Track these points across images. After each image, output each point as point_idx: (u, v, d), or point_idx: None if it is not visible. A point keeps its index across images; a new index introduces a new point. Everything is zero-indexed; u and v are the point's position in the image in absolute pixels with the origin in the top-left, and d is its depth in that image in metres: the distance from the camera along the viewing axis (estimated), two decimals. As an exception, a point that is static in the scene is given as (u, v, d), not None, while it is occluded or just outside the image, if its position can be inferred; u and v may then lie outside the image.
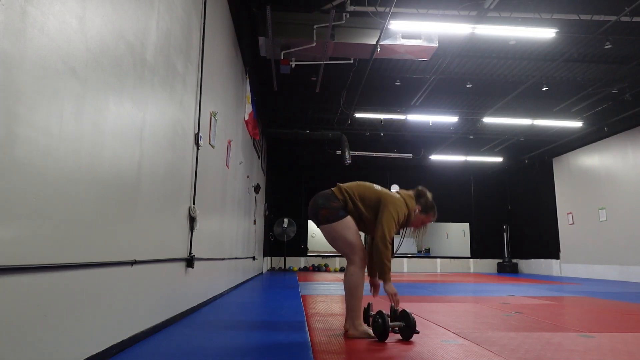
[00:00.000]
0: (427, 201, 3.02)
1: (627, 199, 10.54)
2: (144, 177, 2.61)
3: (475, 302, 5.09)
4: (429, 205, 3.02)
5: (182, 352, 2.36)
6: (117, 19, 2.18)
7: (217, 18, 4.78)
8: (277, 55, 6.81)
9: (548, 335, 3.00)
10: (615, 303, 5.25)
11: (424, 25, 6.18)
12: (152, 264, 2.78)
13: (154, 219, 2.80)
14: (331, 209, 2.85)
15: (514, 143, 12.85)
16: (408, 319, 2.76)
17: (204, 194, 4.21)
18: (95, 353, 2.01)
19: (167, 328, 3.06)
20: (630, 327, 3.42)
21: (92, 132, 1.94)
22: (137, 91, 2.47)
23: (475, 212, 16.08)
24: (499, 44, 7.79)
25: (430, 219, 3.03)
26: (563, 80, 9.12)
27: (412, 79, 9.27)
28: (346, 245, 2.87)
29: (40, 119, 1.57)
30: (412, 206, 2.97)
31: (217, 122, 4.77)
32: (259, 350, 2.44)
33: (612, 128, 10.68)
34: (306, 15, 6.52)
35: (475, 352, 2.44)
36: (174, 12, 3.17)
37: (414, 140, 13.39)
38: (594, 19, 6.68)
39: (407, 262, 15.63)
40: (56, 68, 1.66)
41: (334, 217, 2.85)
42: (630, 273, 10.39)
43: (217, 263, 5.16)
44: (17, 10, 1.43)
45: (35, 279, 1.56)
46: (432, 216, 3.03)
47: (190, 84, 3.69)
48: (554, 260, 13.35)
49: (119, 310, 2.28)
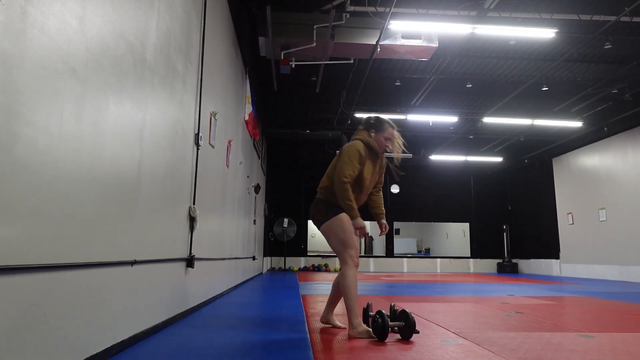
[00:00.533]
0: (372, 120, 3.14)
1: (627, 199, 10.54)
2: (144, 177, 2.61)
3: (475, 302, 5.09)
4: (377, 122, 3.12)
5: (182, 352, 2.36)
6: (117, 19, 2.18)
7: (217, 18, 4.78)
8: (277, 55, 6.81)
9: (548, 335, 3.00)
10: (615, 303, 5.25)
11: (424, 25, 6.19)
12: (152, 264, 2.78)
13: (154, 219, 2.80)
14: (320, 211, 3.05)
15: (514, 143, 12.85)
16: (408, 319, 2.76)
17: (204, 194, 4.21)
18: (95, 353, 2.01)
19: (167, 328, 3.06)
20: (630, 327, 3.42)
21: (92, 132, 1.94)
22: (137, 91, 2.47)
23: (475, 212, 16.08)
24: (499, 44, 7.79)
25: (388, 131, 3.09)
26: (563, 80, 9.12)
27: (412, 79, 9.27)
28: (337, 242, 2.96)
29: (40, 119, 1.57)
30: (365, 136, 3.10)
31: (217, 122, 4.77)
32: (259, 350, 2.44)
33: (612, 128, 10.68)
34: (306, 15, 6.52)
35: (475, 352, 2.44)
36: (174, 12, 3.17)
37: (414, 140, 13.38)
38: (594, 19, 6.68)
39: (407, 262, 15.63)
40: (56, 68, 1.66)
41: (324, 217, 3.02)
42: (630, 273, 10.39)
43: (217, 263, 5.16)
44: (17, 10, 1.43)
45: (35, 279, 1.56)
46: (387, 128, 3.09)
47: (190, 84, 3.69)
48: (554, 260, 13.35)
49: (119, 310, 2.28)
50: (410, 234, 20.90)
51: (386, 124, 3.11)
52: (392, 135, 3.09)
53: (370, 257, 15.97)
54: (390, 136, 3.09)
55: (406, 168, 15.79)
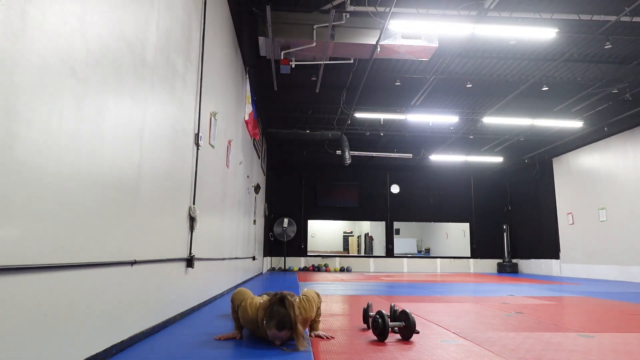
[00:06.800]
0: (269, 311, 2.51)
1: (627, 199, 10.54)
2: (144, 177, 2.61)
3: (476, 302, 5.09)
4: (267, 316, 2.50)
5: (182, 352, 2.36)
6: (117, 19, 2.18)
7: (217, 18, 4.77)
8: (277, 55, 6.81)
9: (548, 335, 3.00)
10: (615, 303, 5.24)
11: (424, 25, 6.18)
12: (152, 264, 2.78)
13: (154, 219, 2.80)
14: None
15: (514, 143, 12.85)
16: (408, 319, 2.76)
17: (204, 194, 4.21)
18: (95, 353, 2.01)
19: (167, 328, 3.06)
20: (630, 327, 3.42)
21: (92, 131, 1.94)
22: (137, 91, 2.47)
23: (475, 212, 16.07)
24: (499, 44, 7.78)
25: (272, 332, 2.48)
26: (563, 80, 9.12)
27: (412, 79, 9.27)
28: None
29: (40, 119, 1.57)
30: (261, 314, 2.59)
31: (217, 122, 4.76)
32: (259, 350, 2.44)
33: (612, 128, 10.67)
34: (306, 15, 6.52)
35: (476, 352, 2.44)
36: (174, 12, 3.17)
37: (414, 140, 13.39)
38: (594, 19, 6.68)
39: (407, 262, 15.63)
40: (56, 68, 1.66)
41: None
42: (630, 273, 10.39)
43: (217, 263, 5.16)
44: (17, 10, 1.43)
45: (35, 279, 1.56)
46: (271, 328, 2.47)
47: (190, 83, 3.68)
48: (554, 260, 13.35)
49: (119, 310, 2.28)
50: (410, 234, 20.90)
51: (272, 322, 2.45)
52: (273, 337, 2.50)
53: (370, 257, 15.97)
54: (272, 337, 2.50)
55: (406, 168, 15.80)
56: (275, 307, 2.48)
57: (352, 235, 21.40)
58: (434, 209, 15.99)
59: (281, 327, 2.45)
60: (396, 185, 15.99)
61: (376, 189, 15.89)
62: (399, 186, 15.99)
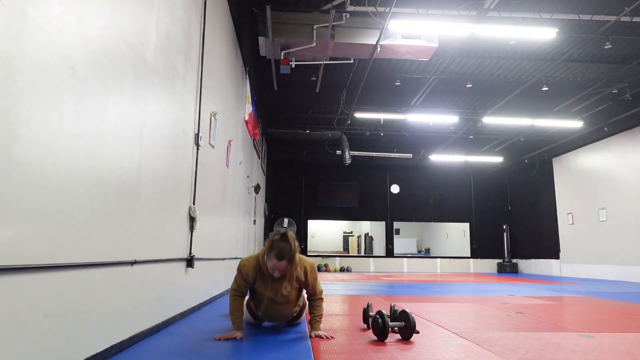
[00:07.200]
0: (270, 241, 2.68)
1: (627, 199, 10.54)
2: (144, 177, 2.61)
3: (476, 302, 5.09)
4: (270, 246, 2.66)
5: (182, 352, 2.36)
6: (117, 19, 2.18)
7: (217, 18, 4.77)
8: (277, 55, 6.80)
9: (548, 335, 3.00)
10: (615, 303, 5.24)
11: (424, 25, 6.18)
12: (152, 264, 2.78)
13: (154, 219, 2.80)
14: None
15: (514, 143, 12.85)
16: (408, 319, 2.76)
17: (204, 194, 4.21)
18: (95, 353, 2.01)
19: (167, 328, 3.06)
20: (630, 327, 3.42)
21: (92, 131, 1.94)
22: (137, 91, 2.47)
23: (475, 212, 16.08)
24: (499, 44, 7.78)
25: (272, 262, 2.65)
26: (563, 80, 9.12)
27: (412, 79, 9.27)
28: None
29: (40, 119, 1.57)
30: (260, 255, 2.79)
31: (217, 122, 4.76)
32: (259, 350, 2.44)
33: (612, 128, 10.67)
34: (306, 15, 6.52)
35: (476, 352, 2.44)
36: (174, 12, 3.17)
37: (414, 140, 13.38)
38: (594, 19, 6.68)
39: (407, 262, 15.63)
40: (56, 68, 1.66)
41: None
42: (630, 273, 10.39)
43: (217, 263, 5.16)
44: (17, 10, 1.43)
45: (35, 279, 1.56)
46: (272, 259, 2.64)
47: (190, 84, 3.68)
48: (554, 260, 13.35)
49: (119, 310, 2.28)
50: (410, 234, 20.89)
51: (272, 252, 2.62)
52: (273, 268, 2.66)
53: (370, 257, 15.97)
54: (272, 268, 2.67)
55: (406, 168, 15.80)
56: (276, 242, 2.66)
57: (352, 235, 21.40)
58: (434, 209, 15.99)
59: (281, 257, 2.61)
60: (396, 185, 15.99)
61: (376, 189, 15.89)
62: (399, 186, 15.99)
